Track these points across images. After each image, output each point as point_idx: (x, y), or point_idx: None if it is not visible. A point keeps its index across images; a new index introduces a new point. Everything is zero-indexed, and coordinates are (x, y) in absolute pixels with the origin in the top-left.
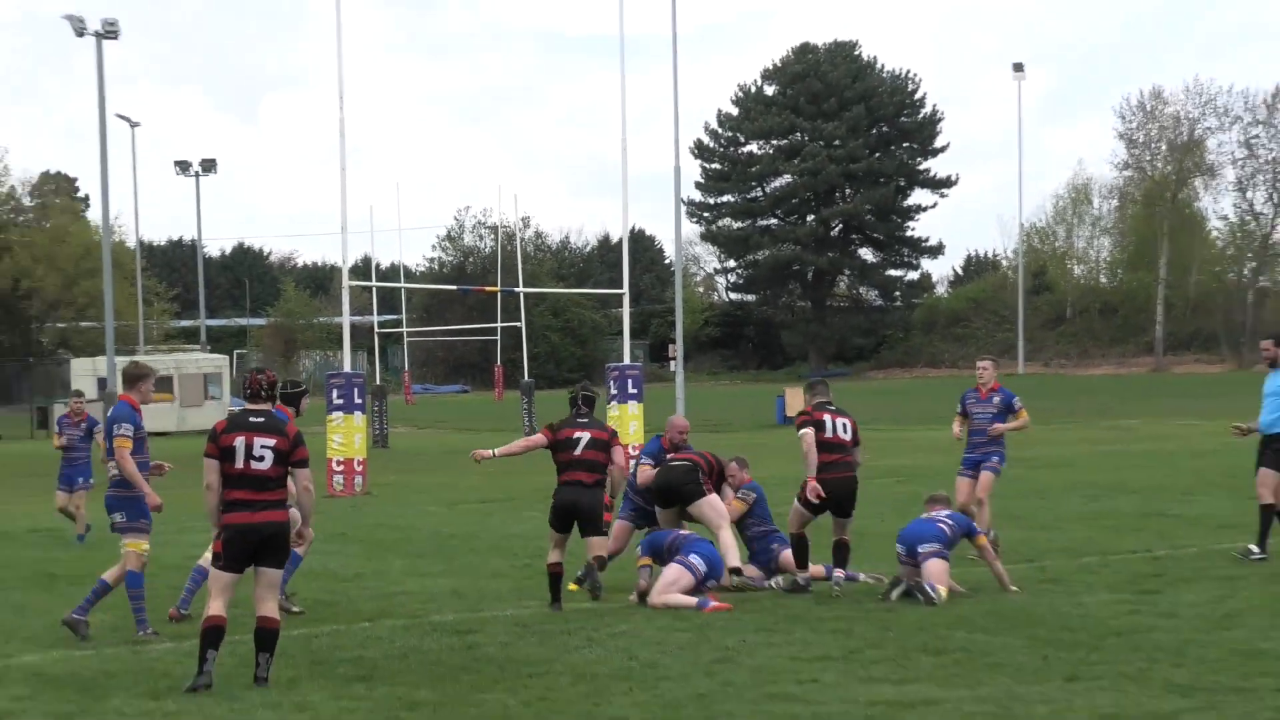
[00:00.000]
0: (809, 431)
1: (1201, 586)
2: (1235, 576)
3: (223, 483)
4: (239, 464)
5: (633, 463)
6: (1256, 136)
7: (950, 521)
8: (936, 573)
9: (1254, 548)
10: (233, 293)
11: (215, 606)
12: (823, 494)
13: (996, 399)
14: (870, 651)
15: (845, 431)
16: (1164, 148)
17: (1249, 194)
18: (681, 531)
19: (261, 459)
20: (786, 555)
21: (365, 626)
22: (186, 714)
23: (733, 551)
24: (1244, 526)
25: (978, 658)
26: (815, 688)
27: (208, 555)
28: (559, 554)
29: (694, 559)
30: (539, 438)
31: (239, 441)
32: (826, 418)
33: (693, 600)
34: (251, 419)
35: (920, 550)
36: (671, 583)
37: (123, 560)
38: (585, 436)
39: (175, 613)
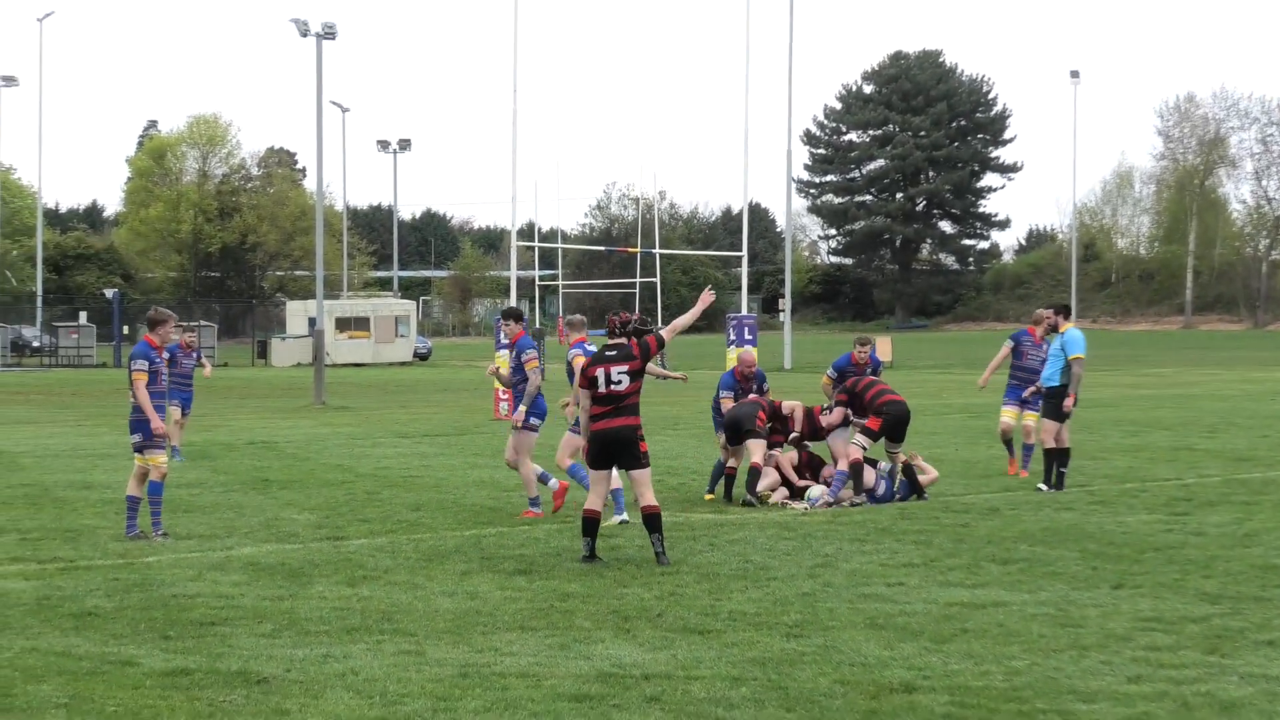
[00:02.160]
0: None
1: (1225, 510)
2: (1253, 502)
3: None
4: (601, 388)
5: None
6: (1271, 135)
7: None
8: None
9: (1043, 485)
10: (420, 250)
11: (592, 500)
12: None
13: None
14: (947, 560)
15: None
16: (1194, 143)
17: (1264, 182)
18: None
19: (619, 383)
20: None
21: (525, 529)
22: (377, 598)
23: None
24: (1259, 459)
25: (1038, 567)
26: (901, 590)
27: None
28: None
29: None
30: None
31: (600, 372)
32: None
33: None
34: (608, 352)
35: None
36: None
37: (137, 473)
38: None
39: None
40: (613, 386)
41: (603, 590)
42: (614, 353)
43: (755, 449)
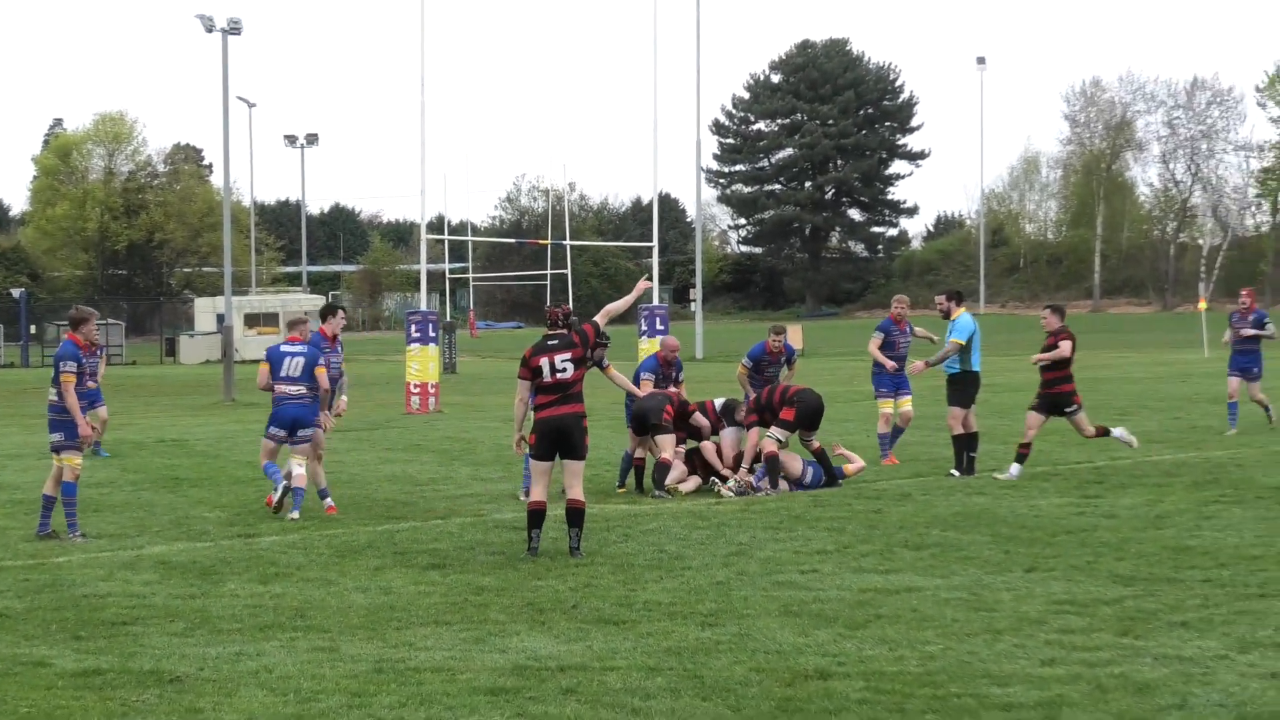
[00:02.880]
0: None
1: (1136, 492)
2: (1164, 484)
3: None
4: (547, 377)
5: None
6: (1178, 118)
7: None
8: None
9: (954, 471)
10: (329, 244)
11: (537, 492)
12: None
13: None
14: (861, 546)
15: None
16: (1100, 127)
17: (1171, 165)
18: None
19: (564, 370)
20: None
21: (438, 523)
22: (290, 595)
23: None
24: (1170, 441)
25: (951, 552)
26: (815, 577)
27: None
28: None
29: None
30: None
31: (544, 361)
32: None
33: None
34: (549, 342)
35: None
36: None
37: (55, 473)
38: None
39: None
40: (558, 375)
41: (517, 583)
42: (555, 342)
43: (664, 444)
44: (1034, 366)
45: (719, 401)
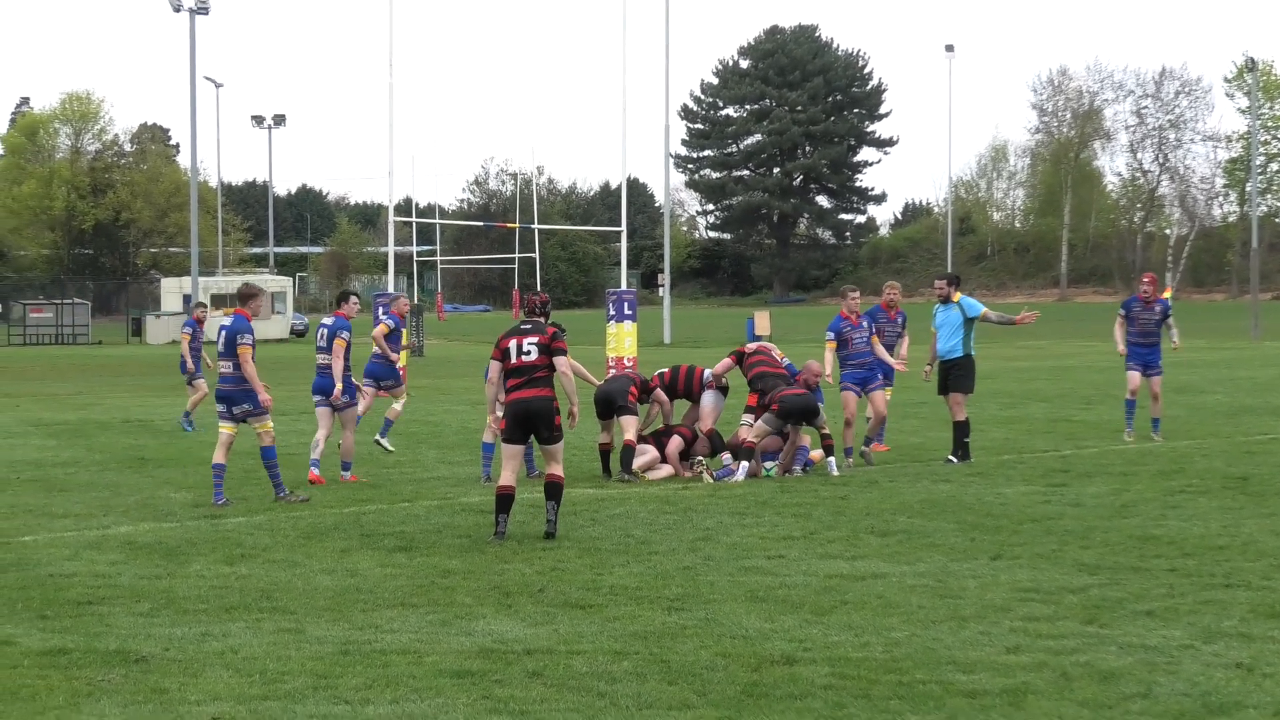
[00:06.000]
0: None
1: (1102, 480)
2: (1129, 473)
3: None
4: (513, 359)
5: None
6: (1145, 107)
7: None
8: None
9: (952, 458)
10: (296, 226)
11: (506, 476)
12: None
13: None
14: (827, 533)
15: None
16: (1069, 116)
17: (1139, 155)
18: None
19: (529, 353)
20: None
21: (405, 506)
22: (255, 577)
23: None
24: (1136, 430)
25: (916, 538)
26: (782, 563)
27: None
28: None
29: None
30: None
31: (512, 343)
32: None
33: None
34: (523, 325)
35: None
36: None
37: (224, 440)
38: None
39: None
40: (523, 357)
41: (484, 566)
42: (529, 326)
43: (628, 425)
44: (997, 355)
45: (709, 371)
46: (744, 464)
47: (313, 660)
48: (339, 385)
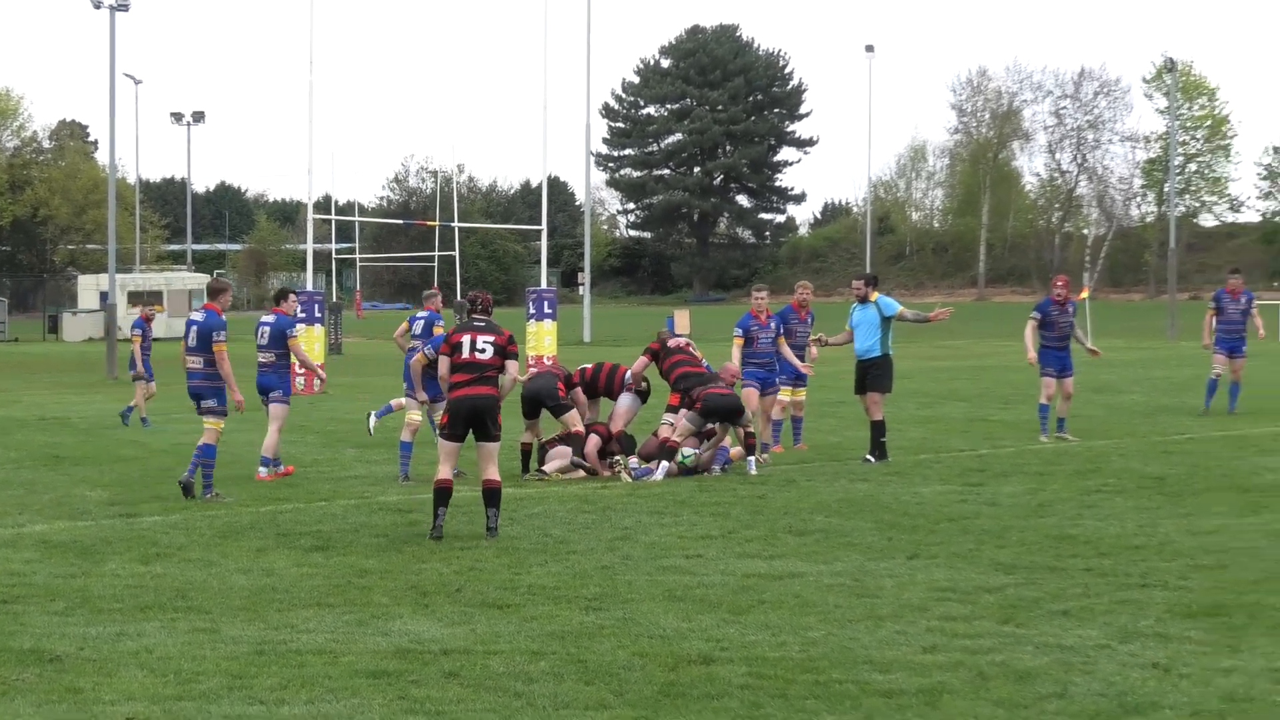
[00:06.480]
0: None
1: (1018, 480)
2: (1046, 472)
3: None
4: (465, 354)
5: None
6: (1064, 108)
7: None
8: None
9: (870, 457)
10: (215, 223)
11: (444, 470)
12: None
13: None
14: (745, 532)
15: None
16: (987, 116)
17: (1057, 155)
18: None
19: (484, 351)
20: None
21: (322, 505)
22: (171, 576)
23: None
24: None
25: (834, 538)
26: (700, 562)
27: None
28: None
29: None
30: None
31: (465, 338)
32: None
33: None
34: (476, 322)
35: None
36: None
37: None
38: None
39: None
40: (477, 354)
41: (401, 566)
42: (482, 324)
43: (572, 420)
44: (915, 355)
45: (630, 373)
46: (664, 463)
47: (228, 660)
48: (318, 369)
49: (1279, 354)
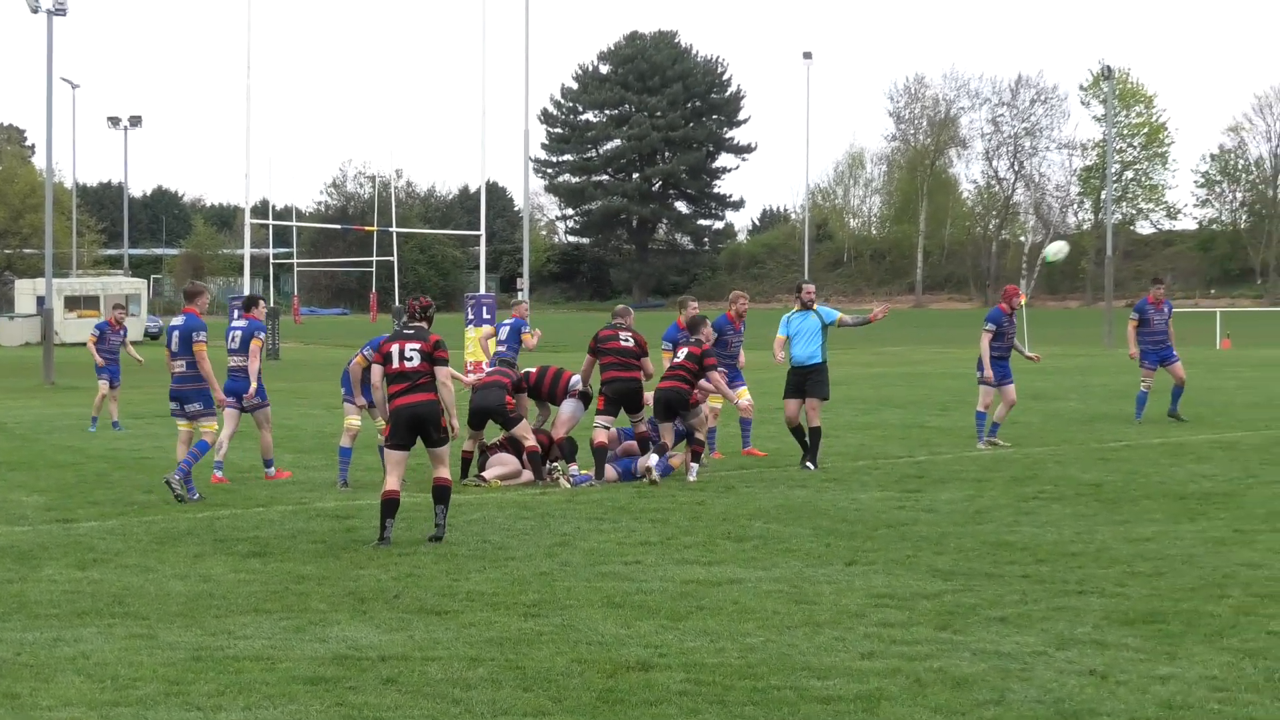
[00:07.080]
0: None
1: (956, 487)
2: (983, 479)
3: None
4: (395, 364)
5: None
6: (1001, 115)
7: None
8: None
9: (809, 464)
10: (152, 227)
11: (391, 481)
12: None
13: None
14: (684, 538)
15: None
16: (925, 123)
17: (994, 163)
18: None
19: (411, 359)
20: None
21: (259, 511)
22: (108, 581)
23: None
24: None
25: (772, 544)
26: (639, 568)
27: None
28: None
29: None
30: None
31: (395, 348)
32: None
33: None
34: (406, 330)
35: None
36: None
37: (184, 437)
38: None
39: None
40: (405, 363)
41: (339, 572)
42: (411, 331)
43: (524, 431)
44: (853, 361)
45: (576, 377)
46: (654, 456)
47: (165, 666)
48: (254, 385)
49: (1214, 362)
